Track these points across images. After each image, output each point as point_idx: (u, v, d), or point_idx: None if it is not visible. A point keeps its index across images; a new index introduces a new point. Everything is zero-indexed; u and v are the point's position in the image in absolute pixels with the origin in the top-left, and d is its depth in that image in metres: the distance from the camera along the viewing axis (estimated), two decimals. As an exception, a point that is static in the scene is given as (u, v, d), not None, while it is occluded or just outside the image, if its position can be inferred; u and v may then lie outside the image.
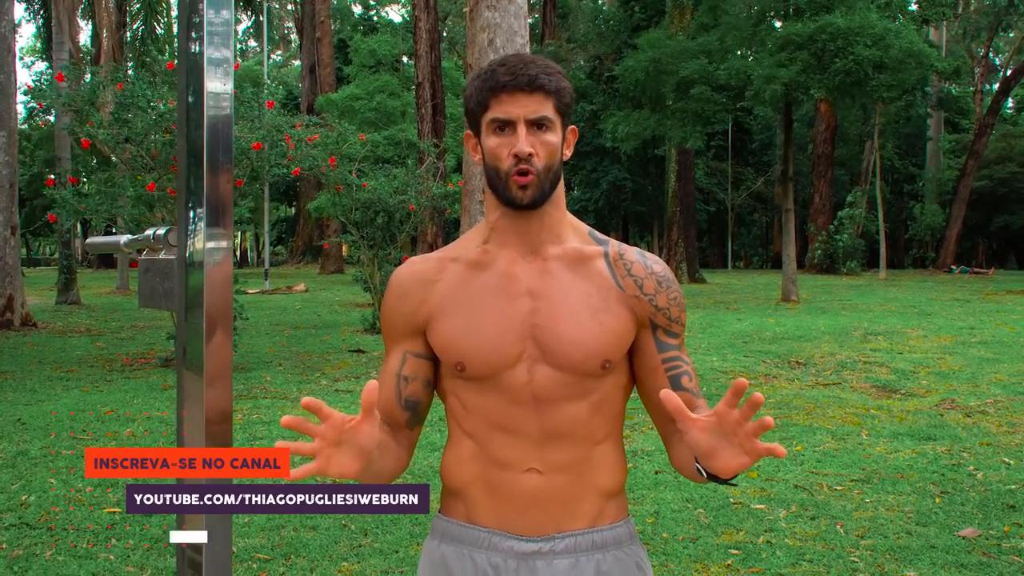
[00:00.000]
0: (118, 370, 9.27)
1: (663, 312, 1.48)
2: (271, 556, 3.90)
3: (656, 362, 1.48)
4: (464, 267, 1.51)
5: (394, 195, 13.19)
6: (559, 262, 1.47)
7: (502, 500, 1.46)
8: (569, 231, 1.51)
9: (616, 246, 1.51)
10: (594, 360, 1.43)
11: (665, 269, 1.51)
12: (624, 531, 1.50)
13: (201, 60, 1.52)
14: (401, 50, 32.82)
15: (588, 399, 1.45)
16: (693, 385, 1.48)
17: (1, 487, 4.88)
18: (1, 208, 13.03)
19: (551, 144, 1.42)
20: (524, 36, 10.05)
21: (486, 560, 1.46)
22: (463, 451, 1.50)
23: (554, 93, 1.42)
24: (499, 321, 1.45)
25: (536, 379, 1.44)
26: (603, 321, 1.44)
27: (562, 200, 1.50)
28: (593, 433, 1.47)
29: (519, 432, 1.44)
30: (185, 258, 1.60)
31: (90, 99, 9.89)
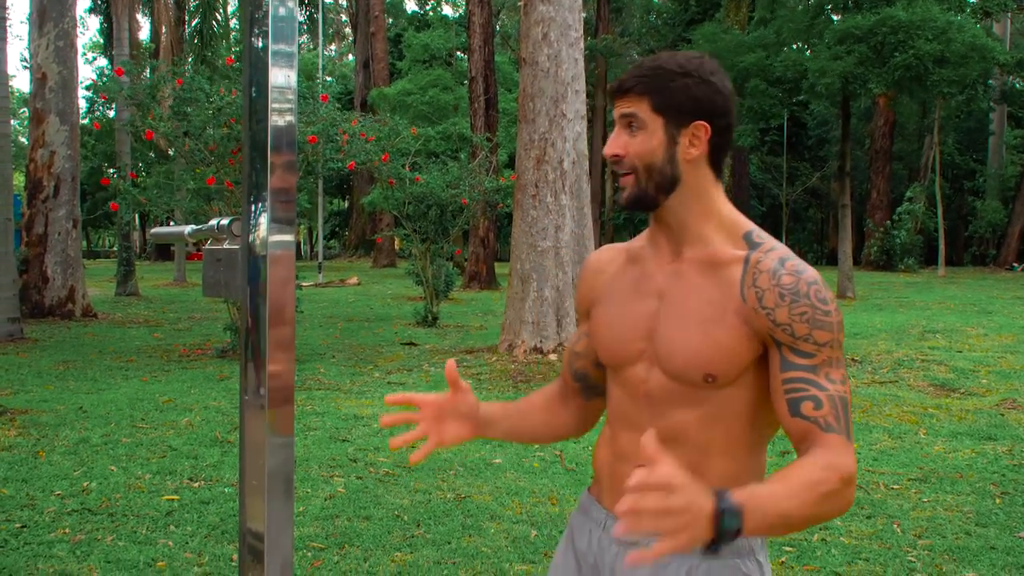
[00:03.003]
0: (176, 360, 9.45)
1: (783, 328, 1.35)
2: (326, 545, 3.95)
3: (777, 383, 1.37)
4: (626, 260, 1.56)
5: (447, 189, 13.26)
6: (694, 265, 1.44)
7: (618, 488, 1.46)
8: (715, 232, 1.44)
9: (764, 252, 1.40)
10: (694, 371, 1.39)
11: (800, 280, 1.35)
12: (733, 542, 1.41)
13: (265, 55, 1.54)
14: (454, 45, 32.91)
15: (700, 408, 1.41)
16: (823, 413, 1.32)
17: (64, 473, 5.00)
18: (64, 201, 13.35)
19: (641, 144, 1.41)
20: (578, 30, 10.01)
21: (598, 539, 1.53)
22: (604, 435, 1.57)
23: (648, 93, 1.40)
24: (628, 318, 1.48)
25: (651, 379, 1.45)
26: (711, 332, 1.39)
27: (700, 201, 1.44)
28: (706, 444, 1.42)
29: (637, 427, 1.45)
30: (249, 249, 1.62)
31: (151, 93, 10.09)
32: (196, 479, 4.93)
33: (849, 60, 16.16)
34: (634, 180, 1.42)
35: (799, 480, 1.25)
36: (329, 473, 5.09)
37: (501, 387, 7.90)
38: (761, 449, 1.47)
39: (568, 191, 9.62)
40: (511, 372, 8.59)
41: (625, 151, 1.42)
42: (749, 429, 1.42)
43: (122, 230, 18.70)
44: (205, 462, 5.27)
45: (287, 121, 1.54)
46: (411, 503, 4.56)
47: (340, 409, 6.87)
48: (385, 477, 5.03)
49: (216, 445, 5.68)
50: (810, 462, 1.28)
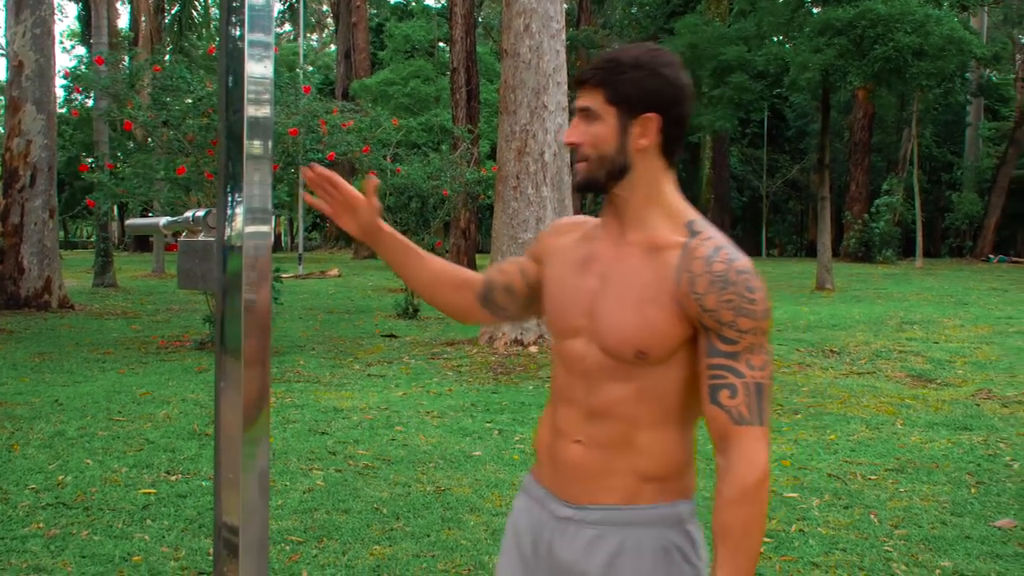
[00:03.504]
0: (153, 352, 9.38)
1: (711, 313, 1.41)
2: (304, 538, 3.94)
3: (703, 367, 1.44)
4: (581, 236, 1.64)
5: (428, 180, 13.22)
6: (636, 248, 1.51)
7: (555, 466, 1.57)
8: (659, 219, 1.52)
9: (702, 240, 1.47)
10: (626, 347, 1.46)
11: (730, 268, 1.41)
12: (662, 513, 1.50)
13: (242, 44, 1.52)
14: (436, 36, 32.80)
15: (632, 384, 1.48)
16: (736, 404, 1.40)
17: (39, 467, 4.96)
18: (40, 191, 13.21)
19: (595, 133, 1.50)
20: (560, 22, 9.99)
21: (537, 516, 1.60)
22: (546, 415, 1.65)
23: (602, 85, 1.49)
24: (571, 292, 1.57)
25: (588, 354, 1.52)
26: (646, 312, 1.46)
27: (647, 188, 1.52)
28: (638, 418, 1.49)
29: (572, 404, 1.54)
30: (224, 240, 1.61)
31: (130, 83, 9.99)
32: (173, 472, 4.90)
33: (829, 53, 16.23)
34: (586, 166, 1.51)
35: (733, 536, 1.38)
36: (308, 466, 5.07)
37: (482, 379, 7.90)
38: (689, 427, 1.53)
39: (549, 183, 9.61)
40: (491, 364, 8.58)
41: (581, 139, 1.51)
42: (678, 407, 1.49)
43: (100, 220, 18.54)
44: (183, 455, 5.24)
45: (264, 112, 1.52)
46: (390, 496, 4.55)
47: (320, 401, 6.85)
48: (364, 470, 5.02)
49: (194, 438, 5.64)
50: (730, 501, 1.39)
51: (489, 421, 6.23)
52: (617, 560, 1.48)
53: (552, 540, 1.55)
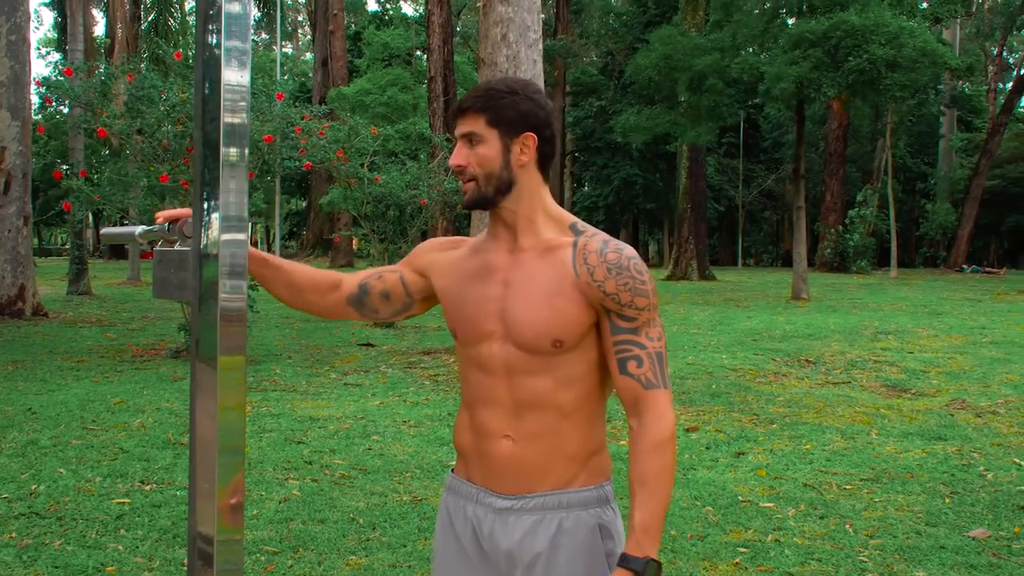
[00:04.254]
0: (128, 361, 9.30)
1: (611, 297, 1.59)
2: (279, 549, 3.91)
3: (609, 345, 1.62)
4: (468, 250, 1.79)
5: (406, 189, 13.20)
6: (531, 253, 1.66)
7: (486, 462, 1.69)
8: (545, 224, 1.68)
9: (588, 236, 1.65)
10: (544, 339, 1.60)
11: (621, 256, 1.61)
12: (593, 495, 1.66)
13: (219, 52, 1.51)
14: (414, 44, 32.80)
15: (552, 374, 1.62)
16: (643, 372, 1.59)
17: (11, 476, 4.90)
18: (15, 198, 13.07)
19: (481, 155, 1.64)
20: (537, 31, 10.02)
21: (473, 512, 1.71)
22: (462, 419, 1.76)
23: (484, 110, 1.64)
24: (477, 301, 1.69)
25: (505, 355, 1.64)
26: (556, 305, 1.61)
27: (532, 197, 1.68)
28: (561, 406, 1.63)
29: (495, 404, 1.66)
30: (199, 249, 1.60)
31: (102, 91, 9.92)
32: (148, 482, 4.85)
33: (804, 65, 16.38)
34: (475, 186, 1.65)
35: (649, 480, 1.56)
36: (284, 476, 5.04)
37: (458, 388, 7.87)
38: (602, 409, 1.71)
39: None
40: (469, 373, 8.57)
41: (467, 162, 1.65)
42: (592, 389, 1.66)
43: (74, 228, 18.37)
44: (157, 464, 5.19)
45: (240, 120, 1.52)
46: (367, 506, 4.53)
47: (296, 411, 6.81)
48: (341, 480, 4.99)
49: (169, 447, 5.60)
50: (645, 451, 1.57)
51: (466, 430, 6.21)
52: (557, 539, 1.63)
53: (493, 531, 1.67)
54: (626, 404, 1.62)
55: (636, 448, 1.59)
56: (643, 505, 1.55)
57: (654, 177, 35.46)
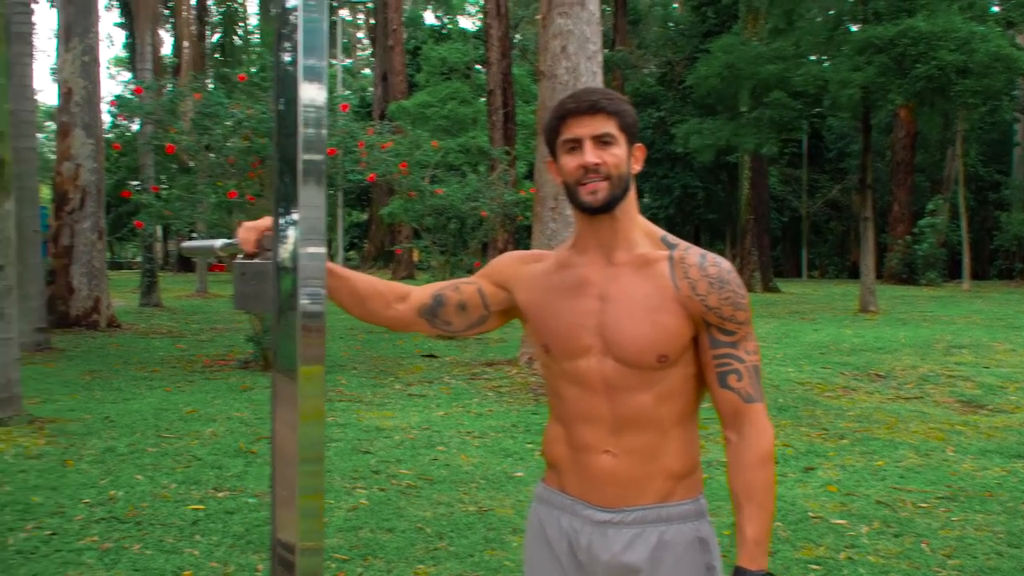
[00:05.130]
0: (199, 371, 9.50)
1: (714, 311, 1.60)
2: (349, 556, 3.96)
3: (708, 358, 1.63)
4: (554, 263, 1.77)
5: (466, 201, 13.29)
6: (627, 267, 1.66)
7: (583, 476, 1.69)
8: (641, 237, 1.69)
9: (683, 250, 1.66)
10: (648, 354, 1.61)
11: (722, 270, 1.62)
12: (691, 508, 1.67)
13: (294, 69, 1.55)
14: (472, 58, 33.03)
15: (653, 390, 1.63)
16: (743, 385, 1.61)
17: (91, 482, 5.04)
18: (89, 213, 13.48)
19: (616, 155, 1.63)
20: (596, 43, 10.03)
21: (569, 523, 1.71)
22: (555, 432, 1.76)
23: (615, 114, 1.64)
24: (573, 316, 1.68)
25: (605, 370, 1.64)
26: (658, 320, 1.61)
27: (633, 209, 1.69)
28: (661, 421, 1.64)
29: (595, 419, 1.66)
30: (279, 262, 1.63)
31: (170, 109, 10.19)
32: (221, 489, 4.95)
33: (870, 71, 16.07)
34: (608, 185, 1.63)
35: (758, 494, 1.59)
36: (352, 485, 5.10)
37: (522, 400, 7.90)
38: (696, 424, 1.72)
39: (589, 203, 9.61)
40: (531, 385, 8.57)
41: (602, 160, 1.63)
42: (690, 403, 1.68)
43: (145, 242, 18.83)
44: (229, 472, 5.29)
45: (316, 135, 1.55)
46: (433, 516, 4.56)
47: (362, 421, 6.89)
48: (407, 489, 5.03)
49: (240, 455, 5.70)
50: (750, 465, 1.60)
51: (530, 442, 6.23)
52: (658, 553, 1.64)
53: (591, 543, 1.67)
54: (724, 417, 1.65)
55: (740, 462, 1.62)
56: (753, 518, 1.58)
57: (716, 187, 35.12)
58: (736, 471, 1.62)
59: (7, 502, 4.61)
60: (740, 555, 1.58)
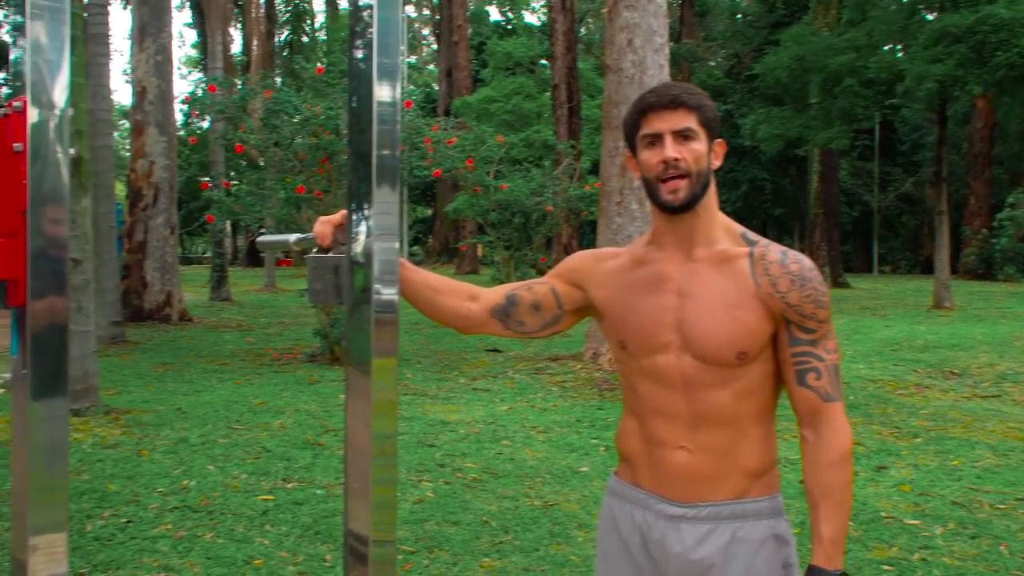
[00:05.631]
0: (267, 364, 9.68)
1: (795, 308, 1.59)
2: (415, 548, 4.00)
3: (787, 356, 1.62)
4: (629, 260, 1.75)
5: (531, 196, 13.29)
6: (707, 263, 1.64)
7: (657, 470, 1.68)
8: (721, 233, 1.67)
9: (763, 246, 1.65)
10: (728, 351, 1.59)
11: (803, 268, 1.60)
12: (766, 506, 1.66)
13: (368, 66, 1.57)
14: (537, 52, 33.01)
15: (732, 386, 1.62)
16: (822, 384, 1.60)
17: (165, 472, 5.17)
18: (162, 209, 13.82)
19: (697, 151, 1.62)
20: (663, 35, 9.93)
21: (642, 517, 1.71)
22: (629, 426, 1.76)
23: (696, 108, 1.62)
24: (651, 313, 1.67)
25: (683, 366, 1.63)
26: (737, 316, 1.59)
27: (713, 205, 1.67)
28: (738, 418, 1.63)
29: (671, 415, 1.65)
30: (352, 256, 1.66)
31: (241, 106, 10.39)
32: (290, 480, 5.04)
33: (948, 63, 15.62)
34: (688, 183, 1.61)
35: (835, 493, 1.58)
36: (418, 478, 5.15)
37: (587, 395, 7.88)
38: (773, 421, 1.70)
39: (654, 198, 9.53)
40: (596, 380, 8.55)
41: (682, 156, 1.61)
42: (767, 401, 1.66)
43: (216, 237, 19.26)
44: (298, 464, 5.38)
45: (390, 131, 1.57)
46: (499, 509, 4.58)
47: (427, 414, 6.95)
48: (472, 483, 5.06)
49: (308, 448, 5.80)
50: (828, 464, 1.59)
51: (595, 437, 6.21)
52: (731, 548, 1.62)
53: (664, 537, 1.66)
54: (801, 415, 1.63)
55: (816, 461, 1.60)
56: (830, 518, 1.57)
57: (784, 181, 34.59)
58: (813, 470, 1.60)
59: (85, 490, 4.76)
60: (816, 554, 1.57)
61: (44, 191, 1.21)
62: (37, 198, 1.20)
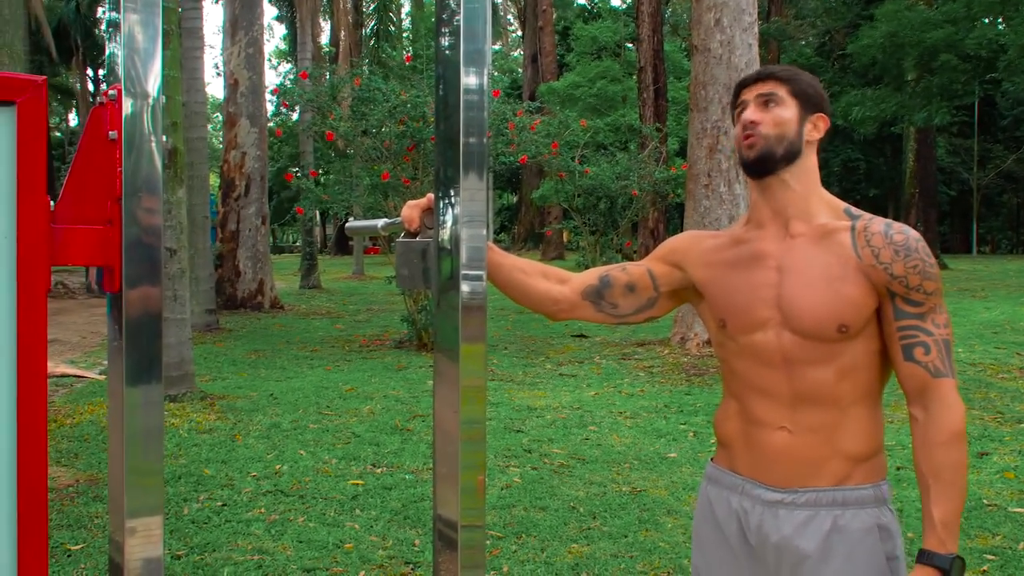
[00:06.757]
0: (356, 351, 9.84)
1: (899, 280, 1.54)
2: (503, 534, 4.01)
3: (892, 330, 1.56)
4: (729, 240, 1.73)
5: (616, 180, 13.18)
6: (806, 238, 1.61)
7: (756, 453, 1.64)
8: (820, 208, 1.63)
9: (867, 220, 1.60)
10: (828, 325, 1.55)
11: (908, 238, 1.55)
12: (870, 494, 1.59)
13: (455, 53, 1.55)
14: (623, 35, 32.69)
15: (834, 364, 1.57)
16: (931, 359, 1.53)
17: (258, 456, 5.30)
18: (254, 199, 14.16)
19: (779, 116, 1.61)
20: (752, 15, 9.71)
21: (739, 503, 1.67)
22: (729, 409, 1.72)
23: (787, 80, 1.63)
24: (750, 290, 1.64)
25: (783, 343, 1.59)
26: (839, 289, 1.55)
27: (808, 178, 1.64)
28: (840, 398, 1.58)
29: (772, 394, 1.61)
30: (440, 242, 1.65)
31: (331, 95, 10.54)
32: (379, 465, 5.11)
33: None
34: (764, 141, 1.60)
35: (946, 473, 1.51)
36: (505, 463, 5.16)
37: (674, 380, 7.79)
38: (880, 404, 1.63)
39: (742, 180, 9.35)
40: (684, 365, 8.45)
41: (762, 119, 1.61)
42: (873, 381, 1.60)
43: (305, 226, 19.65)
44: (386, 449, 5.45)
45: (478, 118, 1.55)
46: (586, 495, 4.56)
47: (514, 400, 6.96)
48: (560, 468, 5.05)
49: (396, 433, 5.87)
50: (939, 443, 1.52)
51: (683, 423, 6.14)
52: (831, 537, 1.57)
53: (762, 523, 1.62)
54: (909, 392, 1.57)
55: (927, 440, 1.54)
56: (941, 500, 1.51)
57: (878, 161, 33.56)
58: (923, 450, 1.54)
59: (182, 474, 4.91)
60: (927, 538, 1.51)
61: (138, 180, 1.23)
62: (131, 187, 1.22)
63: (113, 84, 1.27)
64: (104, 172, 1.24)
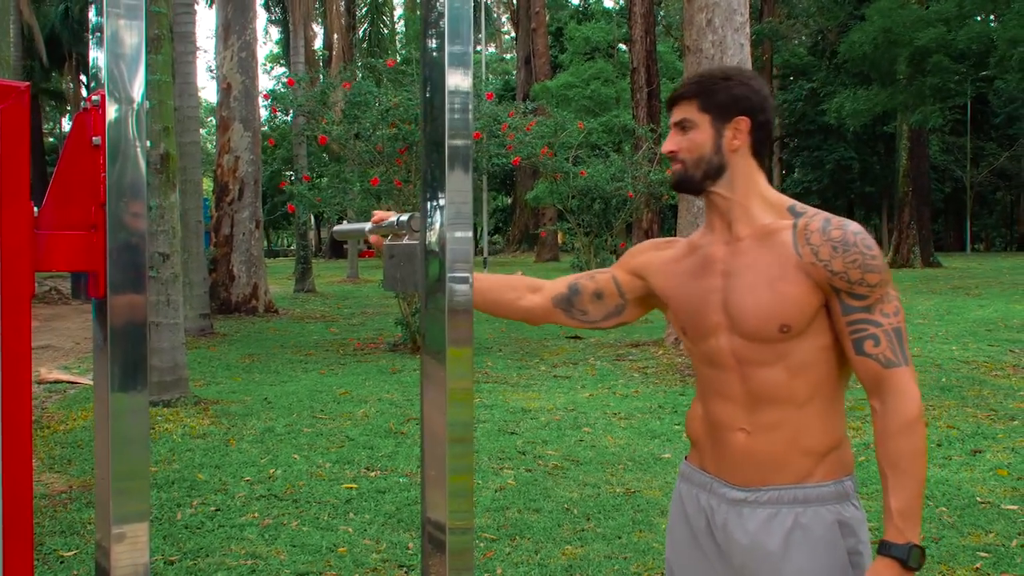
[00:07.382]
0: (351, 354, 9.83)
1: (840, 276, 1.54)
2: (497, 536, 4.01)
3: (842, 326, 1.56)
4: (685, 247, 1.78)
5: (611, 182, 13.19)
6: (750, 240, 1.64)
7: (720, 454, 1.68)
8: (763, 209, 1.65)
9: (808, 217, 1.60)
10: (770, 326, 1.57)
11: (846, 233, 1.55)
12: (831, 490, 1.61)
13: (438, 55, 1.55)
14: (616, 36, 32.72)
15: (783, 363, 1.59)
16: (881, 350, 1.53)
17: (252, 460, 5.29)
18: (247, 203, 14.14)
19: (692, 140, 1.65)
20: (744, 15, 9.72)
21: (707, 501, 1.70)
22: (696, 410, 1.77)
23: (695, 96, 1.66)
24: (701, 296, 1.68)
25: (734, 346, 1.62)
26: (779, 289, 1.57)
27: (745, 183, 1.66)
28: (795, 396, 1.59)
29: (729, 396, 1.65)
30: (426, 244, 1.65)
31: (322, 100, 10.54)
32: (373, 468, 5.11)
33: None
34: (681, 167, 1.67)
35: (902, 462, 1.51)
36: (499, 465, 5.16)
37: (668, 381, 7.80)
38: (840, 400, 1.65)
39: (735, 180, 9.37)
40: (678, 366, 8.46)
41: (678, 147, 1.67)
42: (826, 377, 1.60)
43: (299, 230, 19.64)
44: (380, 452, 5.45)
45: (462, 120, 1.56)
46: (580, 496, 4.56)
47: (508, 402, 6.96)
48: (554, 470, 5.05)
49: (390, 436, 5.87)
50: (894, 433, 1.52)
51: (677, 423, 6.14)
52: (793, 534, 1.59)
53: (726, 521, 1.65)
54: (866, 386, 1.58)
55: (883, 430, 1.54)
56: (898, 490, 1.52)
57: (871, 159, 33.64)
58: (881, 440, 1.54)
59: (175, 479, 4.90)
60: (887, 528, 1.52)
61: (123, 186, 1.23)
62: (116, 192, 1.22)
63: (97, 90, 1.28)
64: (88, 178, 1.24)
